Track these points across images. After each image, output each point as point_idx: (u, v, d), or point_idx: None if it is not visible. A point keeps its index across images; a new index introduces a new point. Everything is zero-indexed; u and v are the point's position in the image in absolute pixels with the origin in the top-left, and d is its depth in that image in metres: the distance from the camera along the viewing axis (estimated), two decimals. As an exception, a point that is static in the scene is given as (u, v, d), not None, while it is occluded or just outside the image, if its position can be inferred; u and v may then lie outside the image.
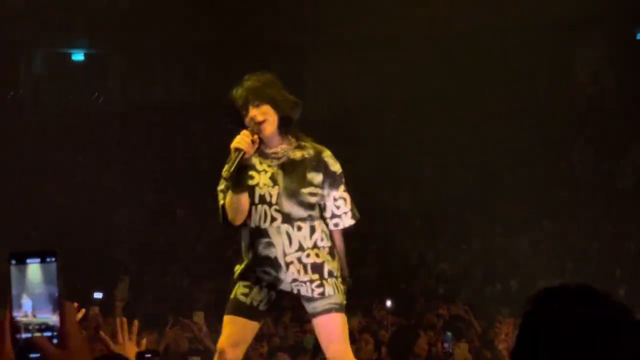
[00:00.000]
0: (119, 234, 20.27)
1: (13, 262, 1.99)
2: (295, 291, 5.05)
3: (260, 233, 4.92)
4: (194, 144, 23.43)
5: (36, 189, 21.02)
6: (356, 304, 13.17)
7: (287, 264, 4.95)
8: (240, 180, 4.74)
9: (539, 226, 18.62)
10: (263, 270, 5.01)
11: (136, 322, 4.38)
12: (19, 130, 23.01)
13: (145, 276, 18.81)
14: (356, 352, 8.15)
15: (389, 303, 13.31)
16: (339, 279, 5.04)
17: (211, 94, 25.13)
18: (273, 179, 4.88)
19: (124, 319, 4.38)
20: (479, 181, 19.78)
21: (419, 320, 12.14)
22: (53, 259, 2.00)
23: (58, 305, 1.98)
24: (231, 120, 4.94)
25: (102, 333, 4.41)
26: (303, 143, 4.98)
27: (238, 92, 4.92)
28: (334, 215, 5.01)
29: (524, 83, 21.91)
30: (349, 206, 5.02)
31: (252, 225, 4.91)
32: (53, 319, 1.98)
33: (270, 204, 4.87)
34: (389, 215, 19.74)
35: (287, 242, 4.91)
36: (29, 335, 1.96)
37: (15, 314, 1.96)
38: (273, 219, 4.88)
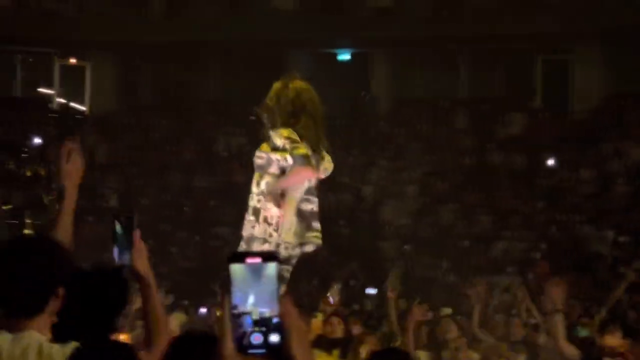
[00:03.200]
0: (385, 229, 21.64)
1: (234, 261, 2.30)
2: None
3: None
4: (458, 138, 24.33)
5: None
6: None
7: None
8: None
9: None
10: None
11: None
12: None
13: (412, 272, 19.96)
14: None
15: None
16: None
17: (473, 89, 26.13)
18: None
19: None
20: None
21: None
22: (274, 260, 2.28)
23: (278, 303, 2.25)
24: None
25: None
26: None
27: None
28: None
29: None
30: None
31: None
32: (272, 314, 2.25)
33: None
34: None
35: None
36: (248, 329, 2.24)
37: (237, 306, 2.26)
38: None
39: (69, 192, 3.84)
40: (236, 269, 2.29)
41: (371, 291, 17.18)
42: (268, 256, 2.28)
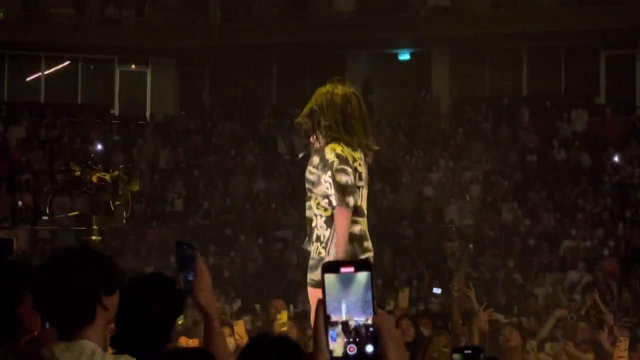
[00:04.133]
0: (449, 229, 21.59)
1: (328, 271, 2.27)
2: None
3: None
4: (522, 136, 24.19)
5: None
6: None
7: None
8: None
9: None
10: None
11: None
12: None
13: (477, 269, 19.90)
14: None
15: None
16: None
17: (535, 85, 25.95)
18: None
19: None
20: None
21: None
22: (366, 269, 2.27)
23: (372, 312, 2.25)
24: None
25: None
26: None
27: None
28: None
29: None
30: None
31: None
32: (367, 323, 2.25)
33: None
34: None
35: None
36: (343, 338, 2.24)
37: (331, 316, 2.25)
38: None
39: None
40: (330, 278, 2.25)
41: (437, 291, 17.18)
42: (361, 265, 2.26)
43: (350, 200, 5.84)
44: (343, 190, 5.81)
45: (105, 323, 3.23)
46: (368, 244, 6.04)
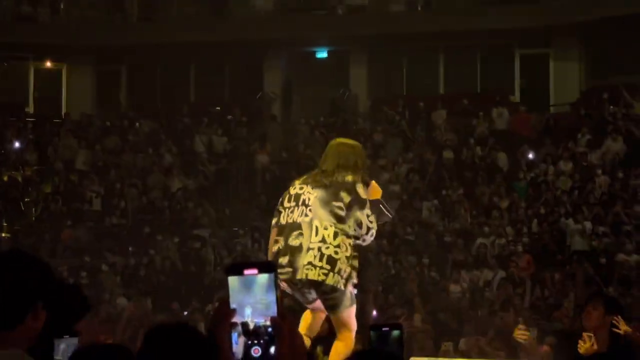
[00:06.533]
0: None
1: (231, 273, 2.26)
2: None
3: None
4: (436, 135, 24.52)
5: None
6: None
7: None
8: None
9: None
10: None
11: None
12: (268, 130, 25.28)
13: (393, 267, 20.13)
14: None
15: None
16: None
17: (452, 85, 26.34)
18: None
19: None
20: None
21: None
22: (269, 271, 2.26)
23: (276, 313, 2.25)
24: None
25: None
26: None
27: None
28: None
29: None
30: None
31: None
32: (266, 324, 2.25)
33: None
34: None
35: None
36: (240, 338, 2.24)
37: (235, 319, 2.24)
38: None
39: None
40: (234, 280, 2.24)
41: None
42: (264, 266, 2.26)
43: (272, 222, 6.52)
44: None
45: (33, 329, 3.09)
46: (283, 259, 6.41)
